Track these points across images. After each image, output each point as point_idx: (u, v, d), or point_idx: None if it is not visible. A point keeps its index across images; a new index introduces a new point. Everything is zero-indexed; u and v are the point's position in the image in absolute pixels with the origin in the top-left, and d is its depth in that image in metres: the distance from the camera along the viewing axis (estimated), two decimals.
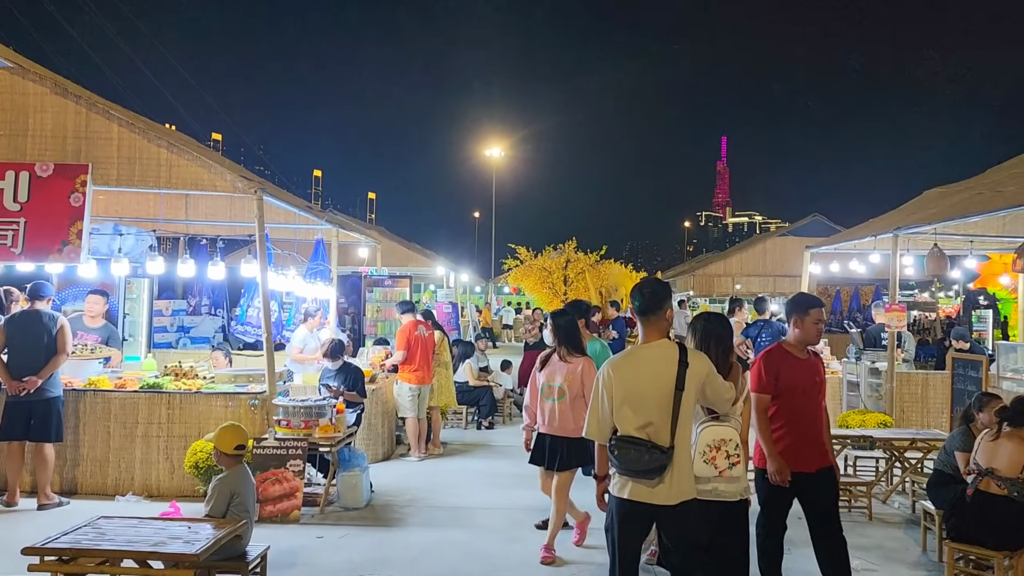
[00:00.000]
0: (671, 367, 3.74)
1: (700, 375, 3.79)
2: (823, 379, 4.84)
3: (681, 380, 3.72)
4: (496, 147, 41.25)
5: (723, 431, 4.12)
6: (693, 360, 3.80)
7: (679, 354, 3.78)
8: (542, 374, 5.85)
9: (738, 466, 4.14)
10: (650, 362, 3.79)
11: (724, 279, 23.08)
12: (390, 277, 12.92)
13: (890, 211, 13.10)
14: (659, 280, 4.19)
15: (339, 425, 7.01)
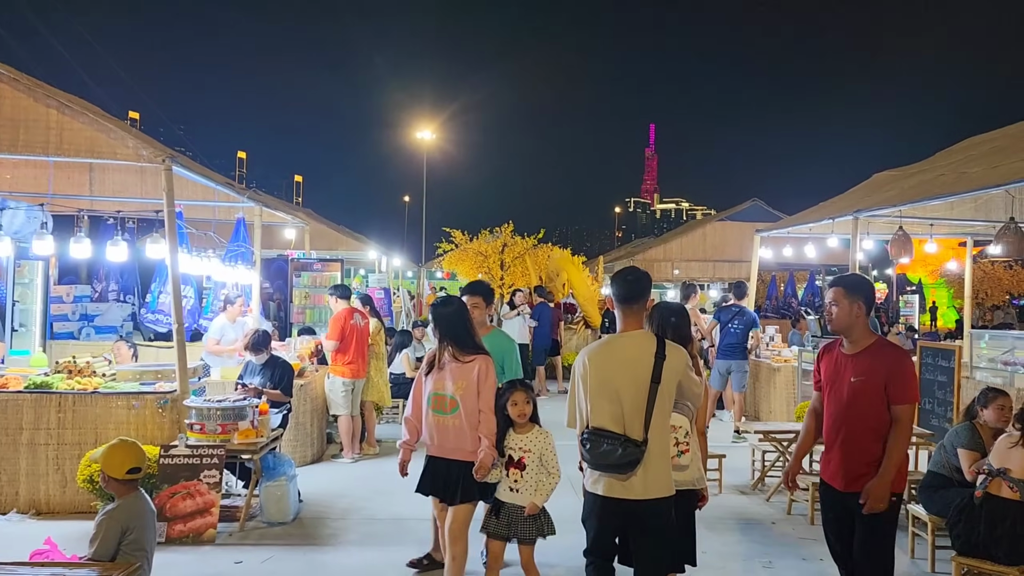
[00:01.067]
0: (648, 358, 3.59)
1: (678, 369, 3.65)
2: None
3: (658, 373, 3.57)
4: (427, 130, 40.14)
5: (674, 418, 3.92)
6: (671, 353, 3.64)
7: (656, 346, 3.63)
8: (429, 380, 4.55)
9: (687, 454, 4.06)
10: (626, 352, 3.65)
11: (664, 264, 22.66)
12: (319, 260, 11.95)
13: (838, 195, 12.77)
14: (641, 269, 3.90)
15: (262, 428, 6.13)
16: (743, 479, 7.71)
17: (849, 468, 3.82)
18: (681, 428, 4.06)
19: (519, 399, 4.53)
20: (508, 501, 4.51)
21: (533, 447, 4.51)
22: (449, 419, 4.43)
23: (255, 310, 9.55)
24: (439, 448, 4.51)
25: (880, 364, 3.75)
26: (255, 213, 9.54)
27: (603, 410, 3.59)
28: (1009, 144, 9.49)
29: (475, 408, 4.39)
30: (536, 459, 4.50)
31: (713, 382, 10.23)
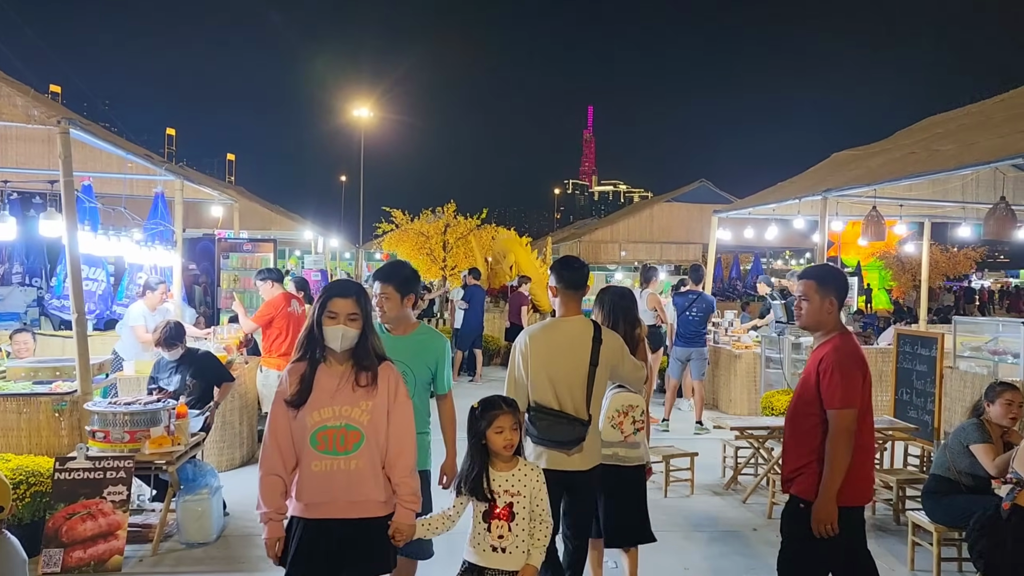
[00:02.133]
0: (586, 342, 3.82)
1: (613, 353, 3.88)
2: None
3: (595, 356, 3.80)
4: (364, 108, 38.87)
5: (631, 398, 4.24)
6: (606, 338, 3.88)
7: (593, 331, 3.86)
8: (305, 410, 2.97)
9: (641, 432, 4.28)
10: (568, 336, 3.86)
11: (610, 245, 22.22)
12: (250, 240, 11.00)
13: (796, 175, 12.36)
14: (582, 260, 4.18)
15: (179, 434, 5.29)
16: (714, 477, 7.17)
17: (783, 470, 3.67)
18: (638, 408, 4.25)
19: (504, 424, 3.16)
20: (492, 567, 3.15)
21: (524, 488, 3.18)
22: (345, 461, 2.95)
23: (177, 296, 8.60)
24: (327, 506, 2.97)
25: (817, 362, 3.49)
26: (176, 188, 8.57)
27: (545, 389, 3.77)
28: (977, 122, 9.15)
29: (383, 441, 3.01)
30: (527, 504, 3.17)
31: (672, 371, 9.70)
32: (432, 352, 3.79)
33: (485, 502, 3.15)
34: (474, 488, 3.15)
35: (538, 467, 3.33)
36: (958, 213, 11.23)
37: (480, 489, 3.16)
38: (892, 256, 29.17)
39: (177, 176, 8.39)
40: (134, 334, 7.53)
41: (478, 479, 3.16)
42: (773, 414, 8.82)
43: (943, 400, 6.78)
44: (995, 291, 40.98)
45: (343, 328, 2.99)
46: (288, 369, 3.05)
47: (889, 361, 9.49)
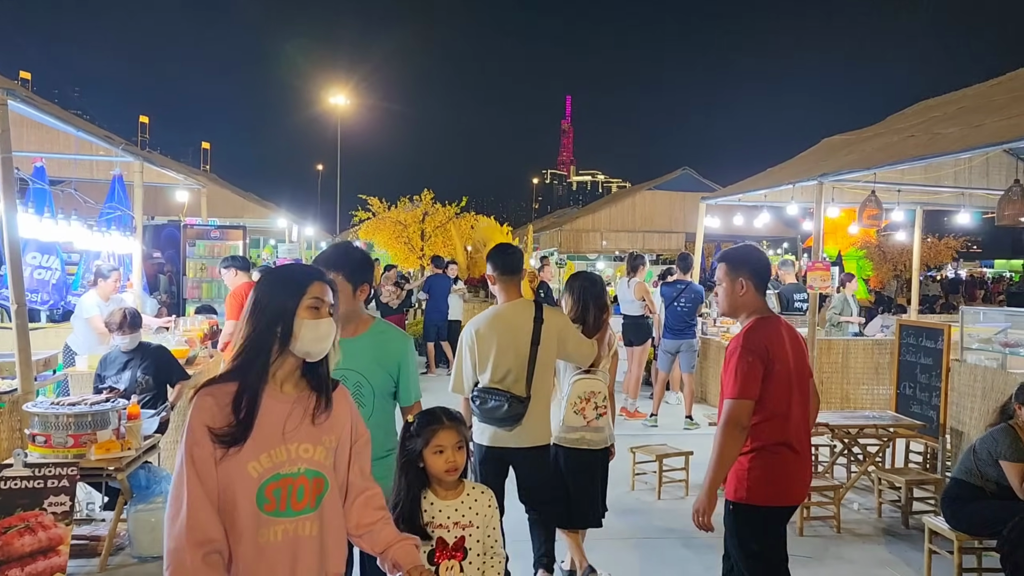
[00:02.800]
0: (528, 324, 3.96)
1: (555, 330, 4.00)
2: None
3: (537, 335, 3.94)
4: (340, 95, 38.18)
5: (593, 384, 4.34)
6: (548, 317, 4.00)
7: (535, 311, 3.99)
8: (244, 454, 2.01)
9: (604, 416, 4.37)
10: (510, 319, 4.00)
11: (592, 234, 21.81)
12: (218, 227, 10.46)
13: (785, 161, 12.01)
14: (513, 245, 4.38)
15: (131, 438, 4.79)
16: None
17: None
18: (599, 393, 4.36)
19: (446, 441, 2.56)
20: None
21: (476, 517, 2.64)
22: (308, 523, 2.08)
23: (136, 284, 8.07)
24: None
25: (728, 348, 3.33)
26: (135, 170, 8.02)
27: (491, 372, 3.93)
28: (978, 105, 8.80)
29: (343, 486, 2.20)
30: (480, 535, 2.65)
31: (661, 364, 9.31)
32: (392, 355, 3.02)
33: (427, 540, 2.51)
34: (410, 524, 2.48)
35: (488, 489, 2.76)
36: (951, 200, 10.92)
37: (417, 525, 2.50)
38: (874, 245, 29.05)
39: (136, 157, 7.84)
40: (90, 325, 6.99)
41: (413, 513, 2.52)
42: None
43: (950, 395, 6.43)
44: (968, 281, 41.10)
45: (329, 324, 2.14)
46: (207, 391, 2.06)
47: (884, 353, 9.20)
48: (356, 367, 2.89)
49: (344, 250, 3.09)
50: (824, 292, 8.91)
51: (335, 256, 3.03)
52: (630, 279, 9.93)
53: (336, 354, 2.21)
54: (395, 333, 3.12)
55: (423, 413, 2.66)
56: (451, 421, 2.60)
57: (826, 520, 5.61)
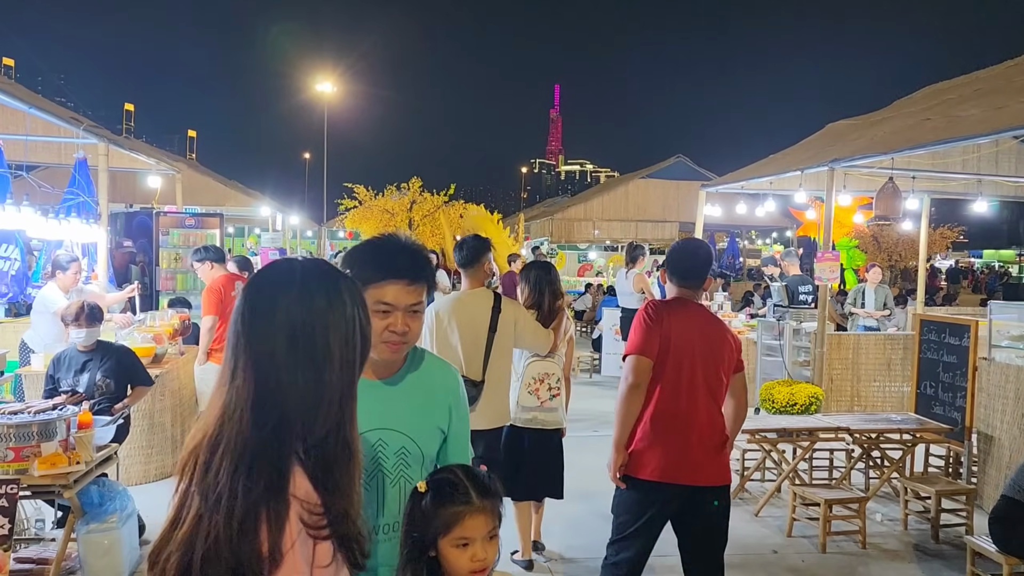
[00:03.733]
0: (486, 312, 4.16)
1: (511, 320, 4.22)
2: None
3: (494, 323, 4.15)
4: (327, 82, 37.45)
5: (546, 366, 4.52)
6: (505, 307, 4.23)
7: (493, 301, 4.22)
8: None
9: (558, 397, 4.55)
10: (470, 307, 4.20)
11: (584, 224, 21.28)
12: (193, 216, 9.89)
13: (788, 147, 11.54)
14: (479, 236, 4.62)
15: (81, 449, 4.26)
16: None
17: None
18: (553, 375, 4.54)
19: (476, 530, 1.74)
20: None
21: None
22: None
23: (102, 276, 7.52)
24: None
25: None
26: (100, 153, 7.45)
27: (448, 356, 3.94)
28: (995, 87, 8.35)
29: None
30: None
31: None
32: (442, 401, 2.03)
33: None
34: None
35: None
36: (959, 188, 10.50)
37: None
38: (868, 235, 28.67)
39: (100, 139, 7.28)
40: (55, 319, 6.43)
41: None
42: (774, 408, 8.02)
43: (977, 395, 5.99)
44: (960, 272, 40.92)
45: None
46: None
47: (896, 348, 8.77)
48: (399, 425, 1.92)
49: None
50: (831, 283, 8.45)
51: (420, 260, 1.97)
52: (628, 270, 9.45)
53: None
54: (443, 367, 2.11)
55: (441, 478, 1.81)
56: (484, 498, 1.76)
57: (850, 535, 5.16)
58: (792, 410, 7.91)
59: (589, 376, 11.68)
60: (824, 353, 8.11)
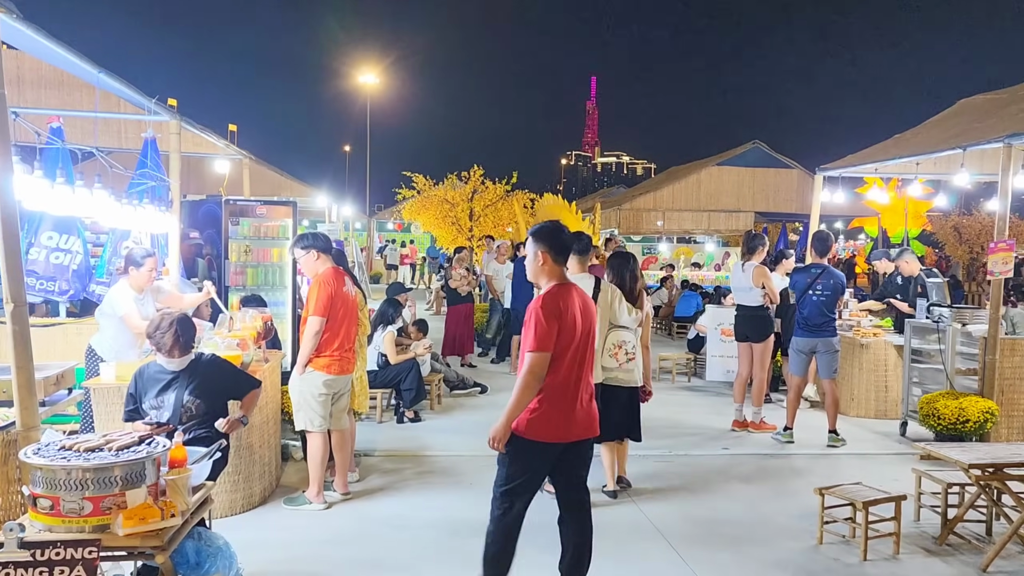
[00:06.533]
0: (588, 292, 4.73)
1: (608, 300, 5.50)
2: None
3: (594, 299, 5.06)
4: (370, 74, 36.68)
5: (623, 334, 5.59)
6: (604, 289, 5.51)
7: (594, 283, 5.47)
8: None
9: (633, 361, 5.60)
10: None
11: (653, 214, 20.15)
12: (264, 203, 8.99)
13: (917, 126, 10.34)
14: (584, 233, 6.21)
15: (175, 496, 3.33)
16: (905, 520, 5.17)
17: None
18: (629, 342, 5.59)
19: None
20: None
21: None
22: None
23: (174, 272, 6.64)
24: None
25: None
26: (171, 131, 6.56)
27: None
28: None
29: None
30: None
31: (793, 367, 7.71)
32: None
33: None
34: None
35: None
36: None
37: None
38: (950, 227, 27.02)
39: (172, 115, 6.39)
40: (125, 324, 5.55)
41: None
42: (939, 425, 6.90)
43: None
44: None
45: None
46: None
47: None
48: None
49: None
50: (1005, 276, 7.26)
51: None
52: (746, 262, 8.26)
53: None
54: None
55: None
56: None
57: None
58: (964, 428, 6.79)
59: (687, 380, 10.61)
60: (997, 361, 6.96)
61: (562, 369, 3.67)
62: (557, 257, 3.82)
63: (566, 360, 3.68)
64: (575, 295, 3.80)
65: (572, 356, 3.70)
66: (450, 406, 8.74)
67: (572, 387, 3.72)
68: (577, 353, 3.72)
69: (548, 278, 3.81)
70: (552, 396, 3.68)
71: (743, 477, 6.36)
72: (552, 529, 3.97)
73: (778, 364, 9.29)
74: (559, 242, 3.82)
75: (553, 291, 3.73)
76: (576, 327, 3.71)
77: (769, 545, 4.92)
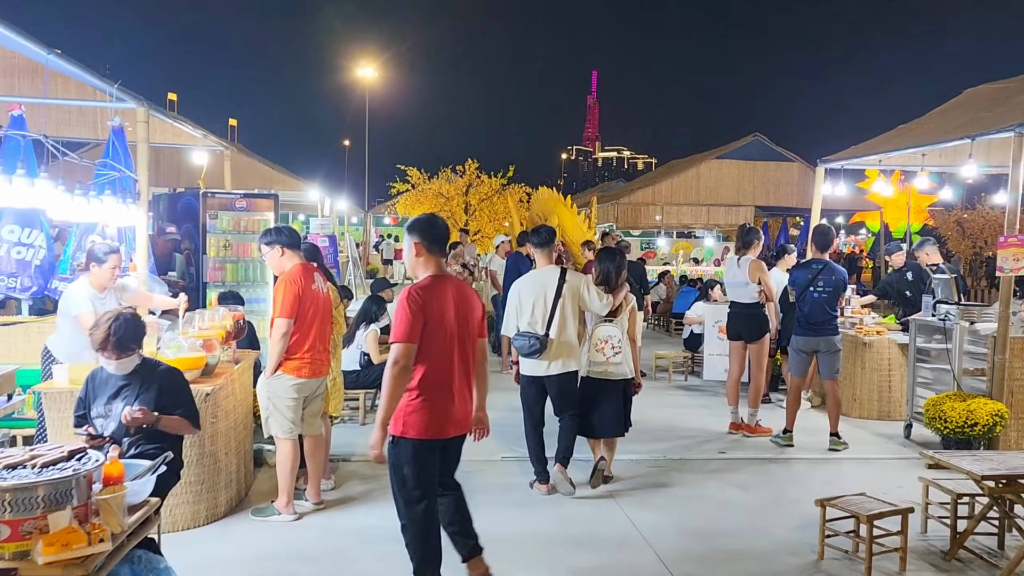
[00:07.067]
0: (554, 282, 5.52)
1: (574, 288, 5.55)
2: None
3: (559, 291, 5.48)
4: (368, 68, 36.28)
5: (609, 329, 5.65)
6: (570, 278, 5.58)
7: (559, 274, 5.59)
8: None
9: (620, 355, 5.64)
10: (542, 280, 5.60)
11: (652, 208, 19.79)
12: (244, 196, 8.67)
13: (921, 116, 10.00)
14: (548, 225, 6.50)
15: (108, 517, 3.01)
16: (914, 531, 4.86)
17: None
18: (615, 336, 5.62)
19: None
20: None
21: None
22: None
23: (141, 267, 6.31)
24: None
25: None
26: (138, 119, 6.22)
27: (524, 318, 5.52)
28: None
29: None
30: None
31: (793, 367, 7.38)
32: None
33: None
34: None
35: None
36: None
37: None
38: (952, 222, 26.67)
39: (139, 103, 6.05)
40: (78, 324, 5.22)
41: None
42: (946, 428, 6.58)
43: None
44: None
45: None
46: None
47: None
48: None
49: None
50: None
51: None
52: (741, 257, 7.86)
53: None
54: None
55: None
56: None
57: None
58: (972, 431, 6.46)
59: (684, 379, 10.29)
60: (1007, 361, 6.64)
61: (434, 363, 3.67)
62: (431, 247, 3.80)
63: (435, 353, 3.67)
64: (450, 288, 3.80)
65: (444, 350, 3.69)
66: None
67: (447, 382, 3.71)
68: (451, 347, 3.72)
69: (424, 269, 3.81)
70: (427, 392, 3.67)
71: (740, 484, 6.04)
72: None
73: (777, 363, 8.97)
74: (432, 233, 3.81)
75: (424, 283, 3.73)
76: (448, 321, 3.70)
77: (767, 561, 4.61)
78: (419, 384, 3.67)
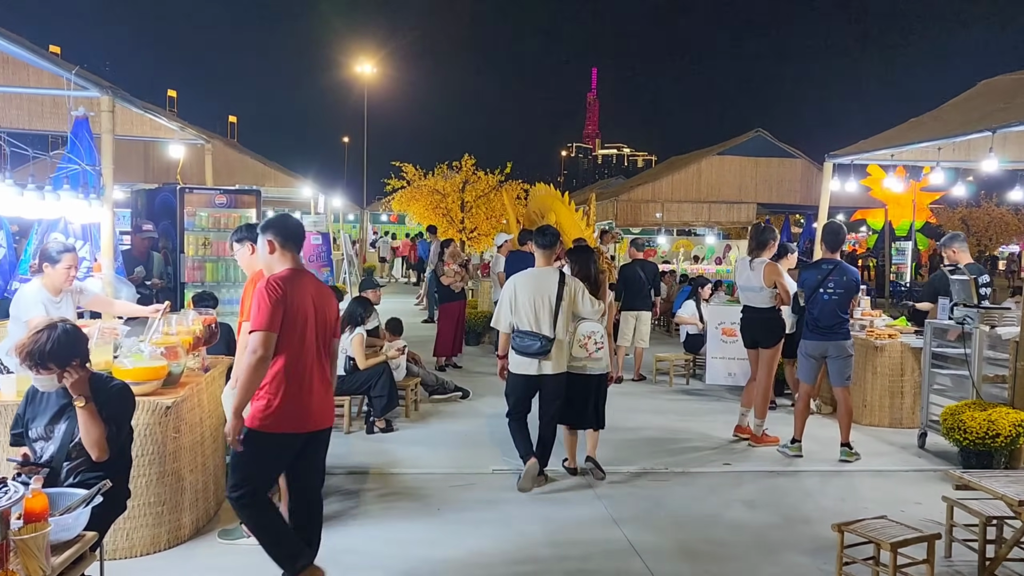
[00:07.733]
0: (554, 285, 5.67)
1: (572, 293, 5.73)
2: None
3: (560, 294, 5.65)
4: (367, 64, 35.85)
5: (592, 326, 5.86)
6: (569, 282, 5.74)
7: (559, 277, 5.71)
8: None
9: (602, 350, 5.87)
10: (542, 281, 5.71)
11: (652, 205, 19.38)
12: (223, 192, 8.26)
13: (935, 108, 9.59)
14: (551, 226, 6.41)
15: (29, 559, 2.60)
16: (938, 555, 4.47)
17: None
18: (597, 332, 5.86)
19: None
20: None
21: None
22: None
23: (107, 267, 5.90)
24: None
25: None
26: (102, 108, 5.80)
27: (527, 318, 5.62)
28: None
29: None
30: None
31: (802, 373, 6.97)
32: None
33: None
34: None
35: None
36: None
37: None
38: (957, 219, 26.26)
39: (102, 91, 5.63)
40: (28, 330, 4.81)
41: None
42: (966, 439, 6.17)
43: None
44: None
45: None
46: None
47: None
48: None
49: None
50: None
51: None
52: (754, 258, 7.41)
53: None
54: None
55: None
56: None
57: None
58: (993, 443, 6.07)
59: (686, 382, 9.88)
60: None
61: (293, 357, 3.64)
62: (285, 243, 3.78)
63: (294, 346, 3.64)
64: (309, 283, 3.80)
65: (304, 344, 3.67)
66: (427, 413, 8.02)
67: (307, 376, 3.69)
68: (310, 341, 3.70)
69: (280, 264, 3.78)
70: (286, 386, 3.63)
71: (747, 500, 5.64)
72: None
73: (780, 365, 8.55)
74: (284, 228, 3.80)
75: (283, 274, 3.70)
76: (307, 315, 3.69)
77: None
78: (279, 379, 3.62)
